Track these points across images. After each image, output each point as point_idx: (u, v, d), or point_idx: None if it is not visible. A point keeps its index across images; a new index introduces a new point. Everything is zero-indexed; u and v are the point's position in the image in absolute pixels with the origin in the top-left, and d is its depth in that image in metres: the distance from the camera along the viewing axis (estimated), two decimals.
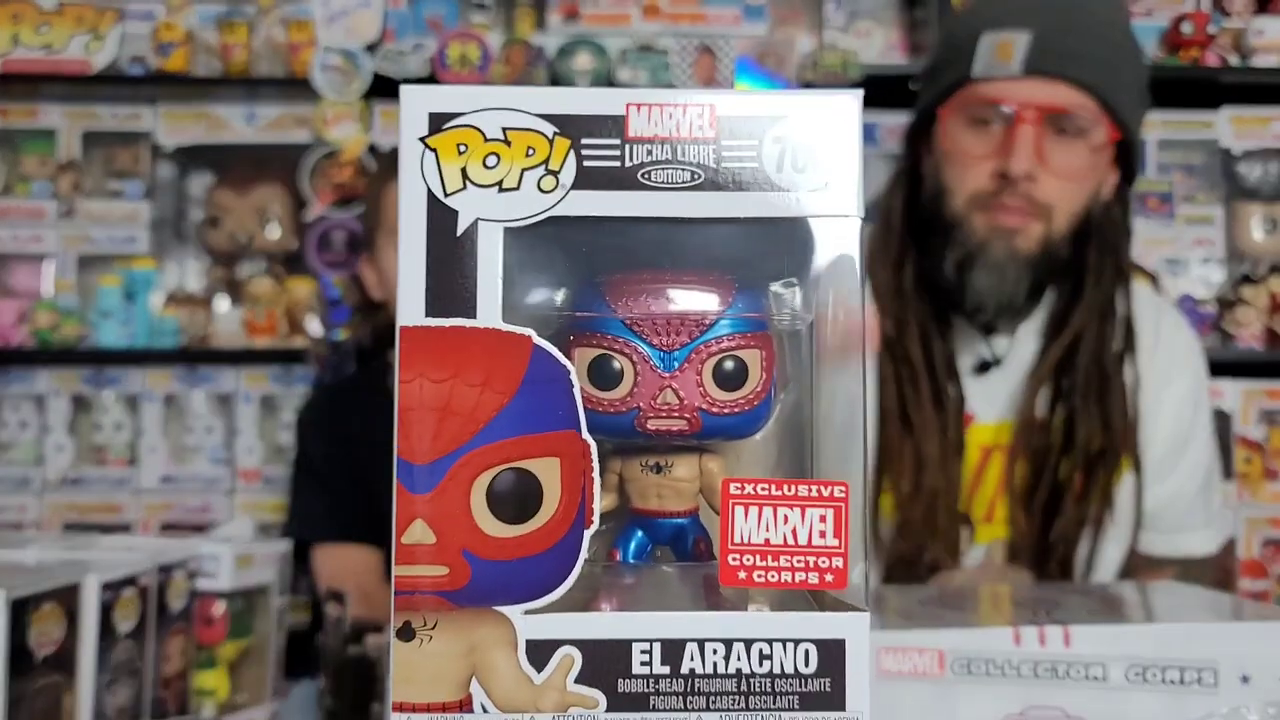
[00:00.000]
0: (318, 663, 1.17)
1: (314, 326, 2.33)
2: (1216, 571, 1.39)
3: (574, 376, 0.49)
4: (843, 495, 0.49)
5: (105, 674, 0.90)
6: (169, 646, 0.98)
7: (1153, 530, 1.34)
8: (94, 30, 2.34)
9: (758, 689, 0.49)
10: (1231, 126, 2.41)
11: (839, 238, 0.51)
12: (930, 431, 1.25)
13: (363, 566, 1.63)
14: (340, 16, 2.33)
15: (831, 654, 0.49)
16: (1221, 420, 2.37)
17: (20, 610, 0.81)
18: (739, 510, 0.49)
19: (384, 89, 2.33)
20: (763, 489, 0.50)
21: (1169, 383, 1.36)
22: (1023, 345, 1.32)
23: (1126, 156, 1.30)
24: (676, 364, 0.52)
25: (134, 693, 0.94)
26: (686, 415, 0.52)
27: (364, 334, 2.26)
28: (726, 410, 0.52)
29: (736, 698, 0.49)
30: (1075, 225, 1.27)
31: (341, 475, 1.68)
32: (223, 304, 2.41)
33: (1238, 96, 2.41)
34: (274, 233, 2.43)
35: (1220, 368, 2.34)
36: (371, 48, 2.34)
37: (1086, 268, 1.29)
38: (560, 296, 0.53)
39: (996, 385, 1.32)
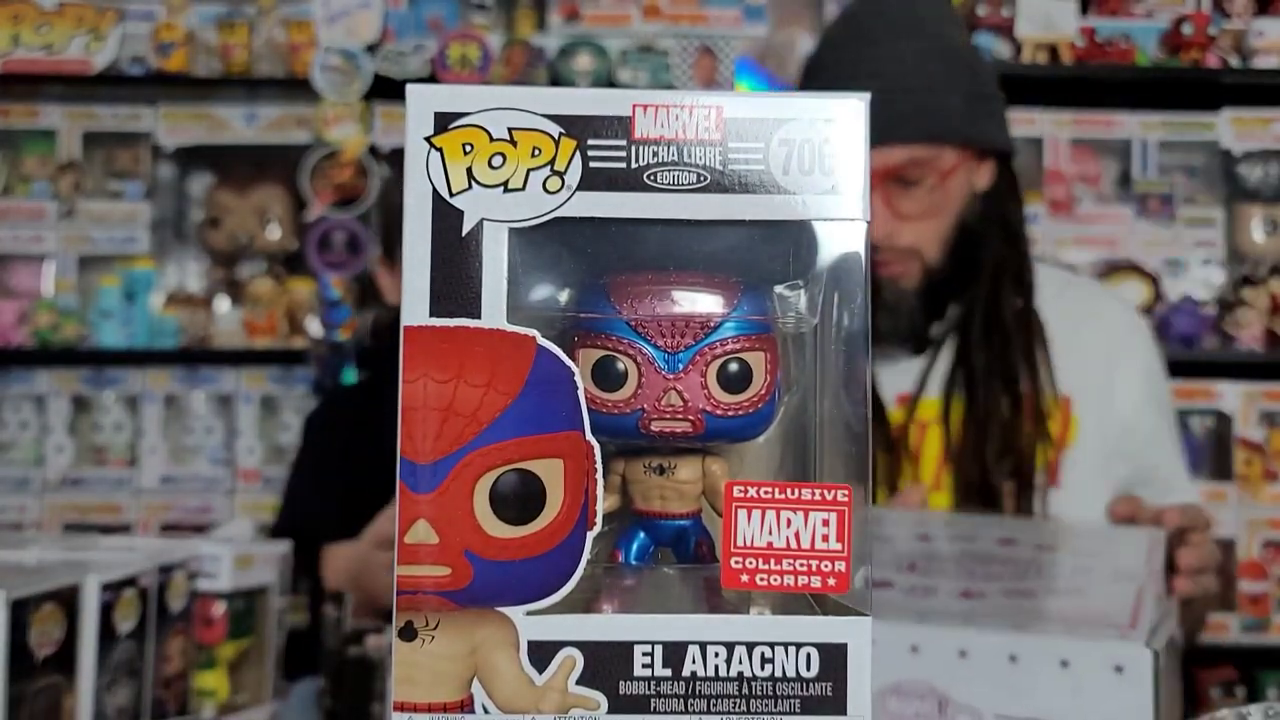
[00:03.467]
0: (318, 662, 1.17)
1: (314, 327, 2.33)
2: None
3: (578, 377, 0.49)
4: (845, 499, 0.49)
5: (105, 674, 0.90)
6: (169, 647, 0.98)
7: (1147, 497, 1.42)
8: (94, 30, 2.34)
9: (759, 692, 0.49)
10: (1232, 128, 2.41)
11: (844, 240, 0.51)
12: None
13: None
14: (340, 17, 2.33)
15: (833, 658, 0.49)
16: (1222, 421, 2.37)
17: (20, 610, 0.81)
18: (741, 513, 0.49)
19: (384, 89, 2.33)
20: (765, 492, 0.49)
21: (1129, 352, 1.44)
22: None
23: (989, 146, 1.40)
24: (681, 366, 0.52)
25: (134, 693, 0.94)
26: (690, 417, 0.52)
27: (364, 333, 2.26)
28: (730, 412, 0.52)
29: (738, 701, 0.49)
30: (952, 239, 1.37)
31: (351, 475, 1.68)
32: (223, 304, 2.42)
33: (1238, 98, 2.41)
34: (274, 233, 2.43)
35: (1220, 369, 2.34)
36: (372, 48, 2.34)
37: (981, 247, 1.39)
38: (565, 297, 0.53)
39: (934, 364, 1.41)
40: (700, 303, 0.52)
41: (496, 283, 0.49)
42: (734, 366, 0.52)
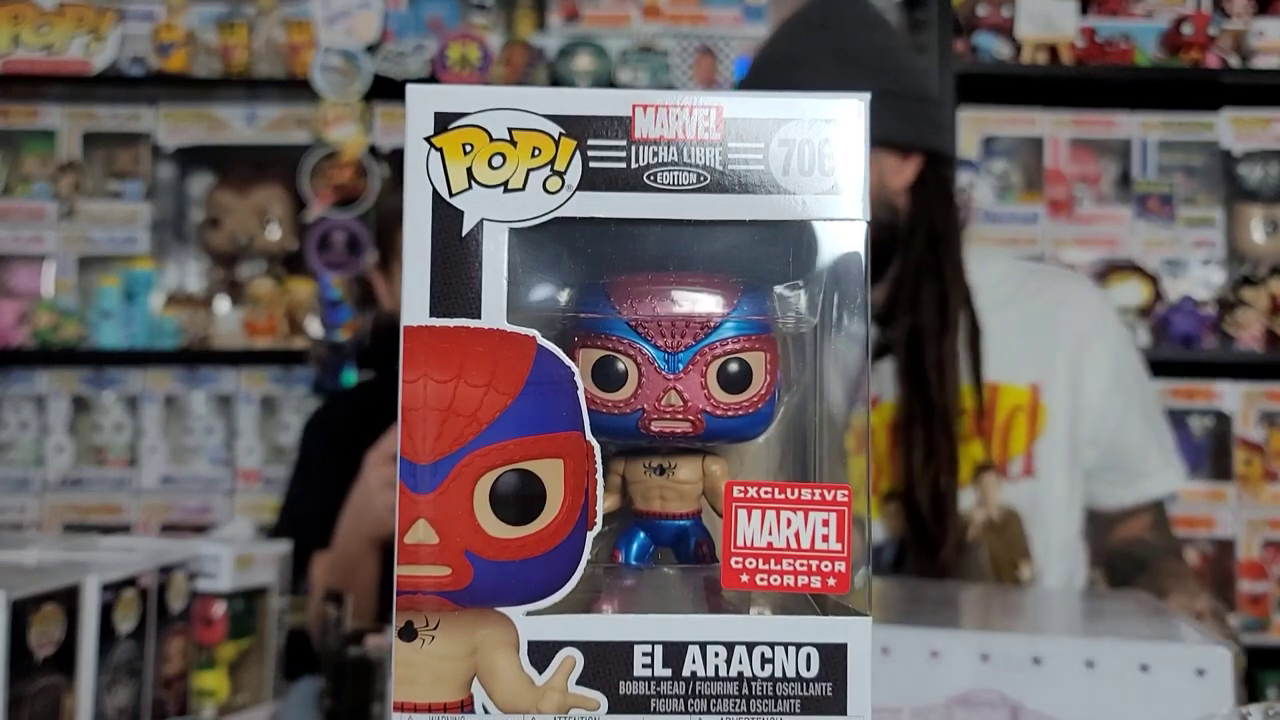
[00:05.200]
0: (318, 662, 1.17)
1: (314, 327, 2.33)
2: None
3: (578, 377, 0.49)
4: (845, 499, 0.49)
5: (105, 674, 0.89)
6: (169, 647, 0.98)
7: (1118, 483, 1.43)
8: (94, 30, 2.34)
9: (759, 692, 0.49)
10: (1232, 128, 2.41)
11: (844, 240, 0.51)
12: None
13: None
14: (340, 17, 2.33)
15: (833, 658, 0.49)
16: (1222, 422, 2.37)
17: (20, 611, 0.81)
18: (741, 513, 0.49)
19: (384, 90, 2.33)
20: (765, 492, 0.49)
21: (1096, 338, 1.43)
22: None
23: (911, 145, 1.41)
24: (681, 366, 0.52)
25: (134, 693, 0.94)
26: (690, 417, 0.52)
27: (364, 333, 2.26)
28: (730, 412, 0.52)
29: (738, 700, 0.49)
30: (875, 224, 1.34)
31: (349, 481, 1.67)
32: (223, 304, 2.41)
33: (1238, 98, 2.41)
34: (274, 233, 2.43)
35: (1220, 369, 2.34)
36: (372, 48, 2.34)
37: (894, 246, 1.40)
38: (565, 297, 0.53)
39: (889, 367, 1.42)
40: (700, 303, 0.52)
41: (496, 283, 0.49)
42: (734, 366, 0.52)
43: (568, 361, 0.49)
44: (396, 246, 1.82)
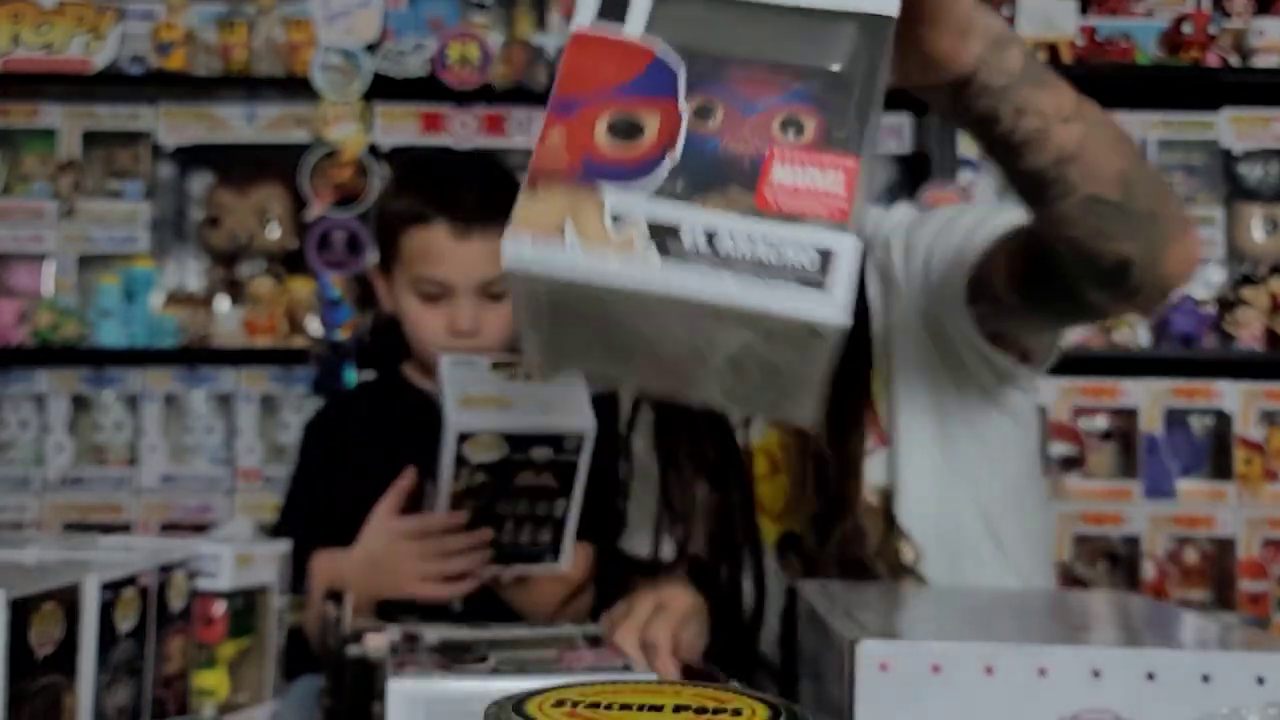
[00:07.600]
0: (318, 662, 1.17)
1: (314, 326, 2.33)
2: None
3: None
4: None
5: (105, 674, 0.89)
6: (169, 646, 0.98)
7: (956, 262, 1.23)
8: (94, 30, 2.34)
9: None
10: (1232, 127, 2.41)
11: None
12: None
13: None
14: (340, 16, 2.33)
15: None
16: (1222, 421, 2.37)
17: (20, 610, 0.81)
18: None
19: (384, 89, 2.33)
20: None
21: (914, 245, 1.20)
22: None
23: None
24: None
25: (134, 693, 0.94)
26: None
27: (364, 332, 2.26)
28: None
29: None
30: None
31: (344, 482, 1.67)
32: (223, 304, 2.41)
33: (1238, 97, 2.41)
34: (274, 233, 2.43)
35: (1220, 368, 2.34)
36: (371, 47, 2.34)
37: None
38: None
39: None
40: None
41: None
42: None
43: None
44: (396, 247, 1.81)
